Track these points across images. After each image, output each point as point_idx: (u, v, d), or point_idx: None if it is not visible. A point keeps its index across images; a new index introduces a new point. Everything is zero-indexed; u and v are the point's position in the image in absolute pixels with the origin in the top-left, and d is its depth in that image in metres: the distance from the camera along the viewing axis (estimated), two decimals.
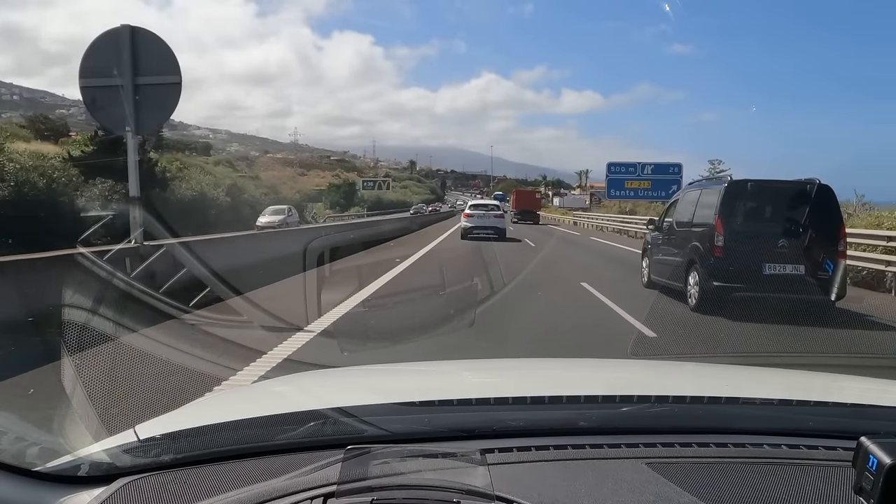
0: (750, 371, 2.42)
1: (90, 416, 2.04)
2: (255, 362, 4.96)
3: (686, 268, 8.87)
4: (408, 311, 8.14)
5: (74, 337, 4.11)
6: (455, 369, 2.23)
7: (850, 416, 1.44)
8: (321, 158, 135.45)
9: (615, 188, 37.95)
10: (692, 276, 8.65)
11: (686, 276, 8.82)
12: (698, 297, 8.40)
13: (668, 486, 1.07)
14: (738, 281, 8.03)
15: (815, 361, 5.74)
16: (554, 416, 1.39)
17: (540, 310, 8.28)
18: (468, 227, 23.81)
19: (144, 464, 1.16)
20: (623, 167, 37.75)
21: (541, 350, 5.84)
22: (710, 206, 8.68)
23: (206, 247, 10.77)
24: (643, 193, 37.25)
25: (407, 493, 1.01)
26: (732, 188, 8.54)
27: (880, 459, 0.91)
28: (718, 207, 8.37)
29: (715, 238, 8.22)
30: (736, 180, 8.69)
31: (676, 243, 9.65)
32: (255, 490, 1.05)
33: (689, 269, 8.76)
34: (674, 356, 5.56)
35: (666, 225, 10.45)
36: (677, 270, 9.24)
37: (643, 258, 11.37)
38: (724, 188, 8.56)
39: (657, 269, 10.42)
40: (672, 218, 10.22)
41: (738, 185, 8.59)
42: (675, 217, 10.05)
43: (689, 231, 9.21)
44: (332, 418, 1.27)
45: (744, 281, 8.02)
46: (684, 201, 10.05)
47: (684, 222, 9.56)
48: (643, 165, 37.41)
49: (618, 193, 38.21)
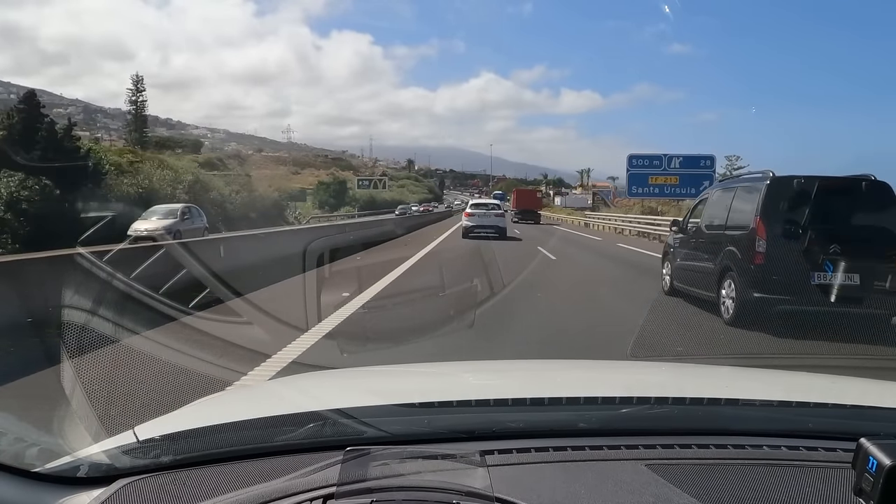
0: (749, 372, 2.42)
1: (89, 416, 2.04)
2: (261, 365, 4.92)
3: (719, 276, 7.88)
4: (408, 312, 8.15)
5: (74, 338, 4.11)
6: (455, 370, 2.23)
7: (849, 417, 1.44)
8: (316, 157, 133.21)
9: (637, 184, 32.72)
10: (726, 286, 7.67)
11: (719, 285, 7.85)
12: (735, 310, 7.42)
13: (668, 488, 1.07)
14: (783, 292, 7.05)
15: (815, 363, 5.74)
16: (553, 418, 1.39)
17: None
18: (469, 225, 23.89)
19: (144, 465, 1.16)
20: (646, 160, 32.61)
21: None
22: (748, 206, 7.70)
23: (206, 247, 10.78)
24: (670, 190, 32.29)
25: (406, 495, 1.01)
26: (776, 186, 7.49)
27: (880, 461, 0.91)
28: (760, 208, 7.38)
29: (756, 243, 7.27)
30: (780, 177, 7.63)
31: (706, 248, 8.68)
32: (255, 491, 1.05)
33: (723, 278, 7.79)
34: (673, 357, 5.56)
35: (692, 227, 9.46)
36: (707, 279, 8.24)
37: (663, 263, 10.43)
38: (765, 186, 7.51)
39: (681, 275, 9.43)
40: (700, 219, 9.21)
41: (783, 183, 7.53)
42: (705, 218, 9.04)
43: (722, 234, 8.21)
44: (332, 420, 1.27)
45: (789, 292, 7.04)
46: (715, 201, 8.99)
47: (716, 224, 8.57)
48: (670, 158, 32.21)
49: (640, 190, 33.10)
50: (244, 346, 5.34)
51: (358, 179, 78.26)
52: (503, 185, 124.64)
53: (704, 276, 8.38)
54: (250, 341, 5.60)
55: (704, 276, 8.38)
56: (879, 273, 7.02)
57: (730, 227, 8.09)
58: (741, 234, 7.70)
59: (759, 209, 7.39)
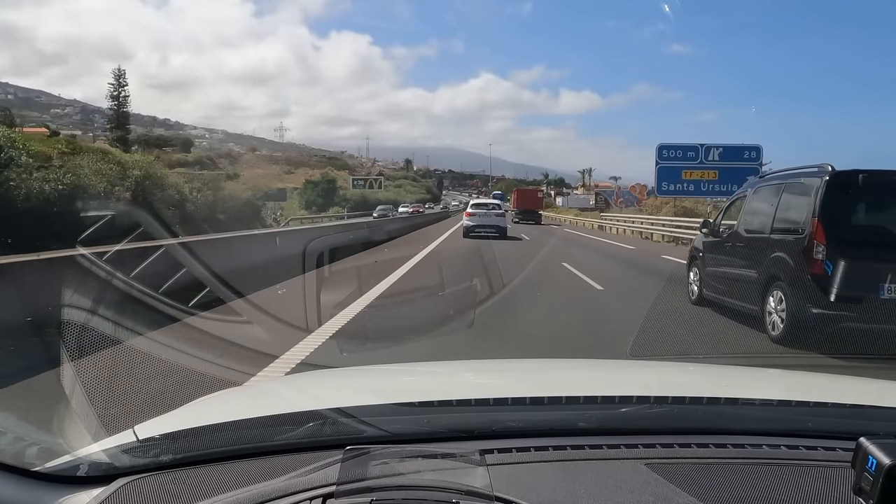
0: (749, 371, 2.43)
1: (89, 416, 2.03)
2: (269, 366, 4.88)
3: (764, 286, 6.84)
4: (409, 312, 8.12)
5: (74, 337, 4.11)
6: (454, 370, 2.23)
7: (849, 416, 1.44)
8: (311, 156, 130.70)
9: (668, 179, 28.06)
10: (774, 298, 6.65)
11: (763, 296, 6.82)
12: (786, 326, 6.39)
13: (667, 487, 1.07)
14: (846, 307, 6.02)
15: (814, 362, 5.74)
16: (553, 417, 1.40)
17: None
18: (470, 225, 23.92)
19: (143, 464, 1.16)
20: (679, 151, 27.96)
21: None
22: (801, 205, 6.73)
23: (205, 248, 10.77)
24: (707, 187, 27.69)
25: (406, 494, 1.01)
26: (837, 181, 6.38)
27: (879, 460, 0.91)
28: (817, 207, 6.32)
29: (813, 249, 6.21)
30: (841, 171, 6.52)
31: (744, 253, 7.64)
32: (255, 490, 1.05)
33: (769, 289, 6.75)
34: (673, 356, 5.56)
35: (725, 229, 8.44)
36: (747, 289, 7.22)
37: (690, 268, 9.34)
38: (824, 182, 6.39)
39: (713, 283, 8.35)
40: (737, 220, 8.13)
41: (845, 178, 6.41)
42: (743, 219, 7.97)
43: (766, 239, 7.18)
44: (332, 419, 1.27)
45: (854, 307, 6.04)
46: (756, 199, 7.88)
47: (758, 227, 7.52)
48: (708, 148, 27.59)
49: (671, 187, 28.36)
50: (252, 347, 5.29)
51: (353, 179, 75.65)
52: (502, 185, 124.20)
53: (743, 286, 7.35)
54: (256, 342, 5.55)
55: (743, 285, 7.36)
56: None
57: (777, 231, 7.05)
58: (793, 238, 6.67)
59: (817, 209, 6.33)
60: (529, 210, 45.71)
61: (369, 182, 72.53)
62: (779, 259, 6.75)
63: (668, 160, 28.01)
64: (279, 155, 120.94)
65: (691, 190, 28.34)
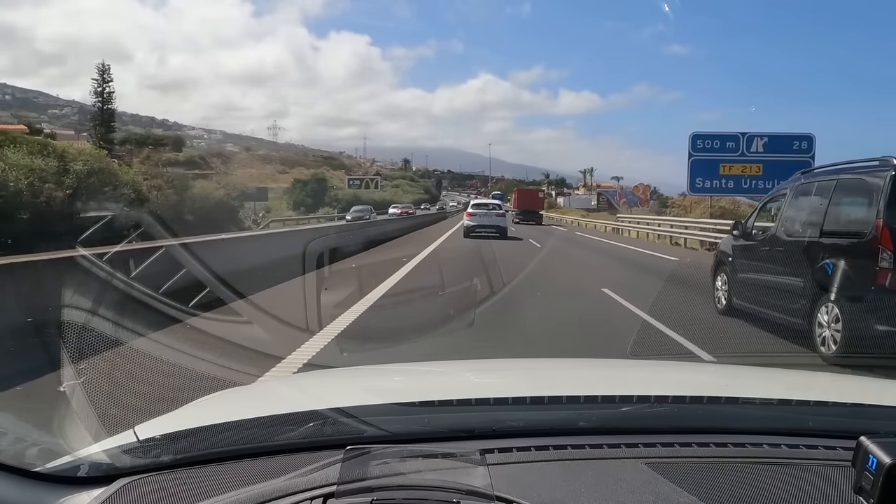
0: (750, 371, 2.43)
1: (90, 416, 2.04)
2: (275, 368, 4.85)
3: (812, 298, 6.03)
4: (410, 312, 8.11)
5: (74, 337, 4.11)
6: (455, 369, 2.23)
7: (849, 415, 1.44)
8: (306, 156, 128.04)
9: (702, 174, 23.40)
10: (826, 312, 5.80)
11: (812, 309, 6.00)
12: (841, 344, 5.58)
13: (668, 486, 1.07)
14: None
15: (815, 361, 5.73)
16: (553, 417, 1.40)
17: None
18: (471, 225, 23.99)
19: (144, 464, 1.16)
20: (716, 141, 23.36)
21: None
22: (860, 205, 5.94)
23: (205, 248, 10.77)
24: (749, 184, 23.00)
25: (407, 494, 1.01)
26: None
27: (880, 459, 0.91)
28: (883, 207, 5.49)
29: (878, 255, 5.42)
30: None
31: (786, 259, 6.75)
32: (255, 490, 1.05)
33: (820, 301, 5.91)
34: (673, 356, 5.56)
35: (760, 231, 7.63)
36: (791, 299, 6.40)
37: (717, 274, 8.44)
38: (890, 178, 5.53)
39: (746, 292, 7.52)
40: (776, 222, 7.33)
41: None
42: (784, 220, 7.14)
43: (814, 243, 6.28)
44: (332, 419, 1.27)
45: None
46: (800, 197, 7.00)
47: (803, 229, 6.67)
48: (750, 138, 23.02)
49: (706, 184, 23.62)
50: (254, 348, 5.26)
51: (349, 178, 74.26)
52: (502, 185, 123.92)
53: (785, 296, 6.55)
54: (260, 343, 5.51)
55: (785, 295, 6.56)
56: None
57: (828, 234, 6.16)
58: (850, 243, 5.89)
59: (882, 209, 5.50)
60: (530, 210, 45.64)
61: (365, 182, 70.95)
62: (832, 266, 5.89)
63: (703, 151, 23.23)
64: (274, 154, 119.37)
65: (730, 187, 23.61)
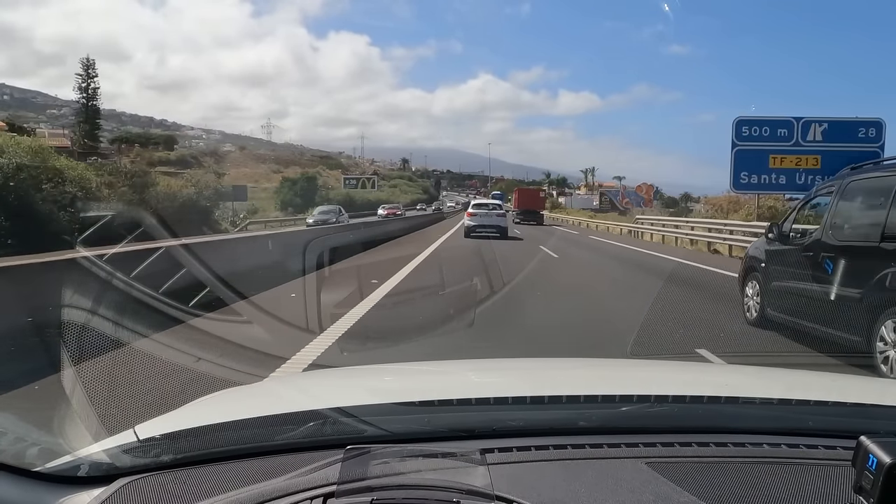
0: (750, 371, 2.43)
1: (90, 416, 2.04)
2: (279, 369, 4.82)
3: (871, 312, 5.20)
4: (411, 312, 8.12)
5: (74, 337, 4.11)
6: (455, 369, 2.23)
7: (849, 415, 1.44)
8: (302, 155, 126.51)
9: (748, 168, 18.76)
10: (890, 329, 5.01)
11: (871, 325, 5.18)
12: None
13: (668, 486, 1.07)
14: None
15: (815, 361, 5.73)
16: (554, 416, 1.40)
17: None
18: (471, 225, 24.02)
19: (144, 464, 1.16)
20: (766, 127, 18.76)
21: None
22: None
23: (205, 248, 10.77)
24: (805, 179, 18.21)
25: (407, 493, 1.01)
26: None
27: (880, 459, 0.91)
28: None
29: None
30: None
31: (835, 267, 5.85)
32: (255, 490, 1.05)
33: (882, 316, 5.08)
34: (673, 356, 5.56)
35: (800, 234, 6.87)
36: (842, 313, 5.61)
37: (747, 282, 7.61)
38: None
39: (782, 302, 6.71)
40: (823, 224, 6.35)
41: None
42: (831, 221, 6.22)
43: (873, 248, 5.42)
44: (332, 418, 1.27)
45: None
46: (852, 197, 6.19)
47: (857, 232, 5.89)
48: (807, 124, 18.55)
49: (752, 179, 18.86)
50: (257, 348, 5.24)
51: (345, 178, 72.49)
52: (502, 185, 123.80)
53: (833, 309, 5.73)
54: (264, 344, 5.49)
55: (833, 308, 5.73)
56: None
57: (891, 238, 5.29)
58: None
59: None
60: (531, 210, 45.47)
61: (361, 182, 69.16)
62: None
63: (750, 141, 18.74)
64: (269, 154, 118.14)
65: (782, 183, 18.90)
